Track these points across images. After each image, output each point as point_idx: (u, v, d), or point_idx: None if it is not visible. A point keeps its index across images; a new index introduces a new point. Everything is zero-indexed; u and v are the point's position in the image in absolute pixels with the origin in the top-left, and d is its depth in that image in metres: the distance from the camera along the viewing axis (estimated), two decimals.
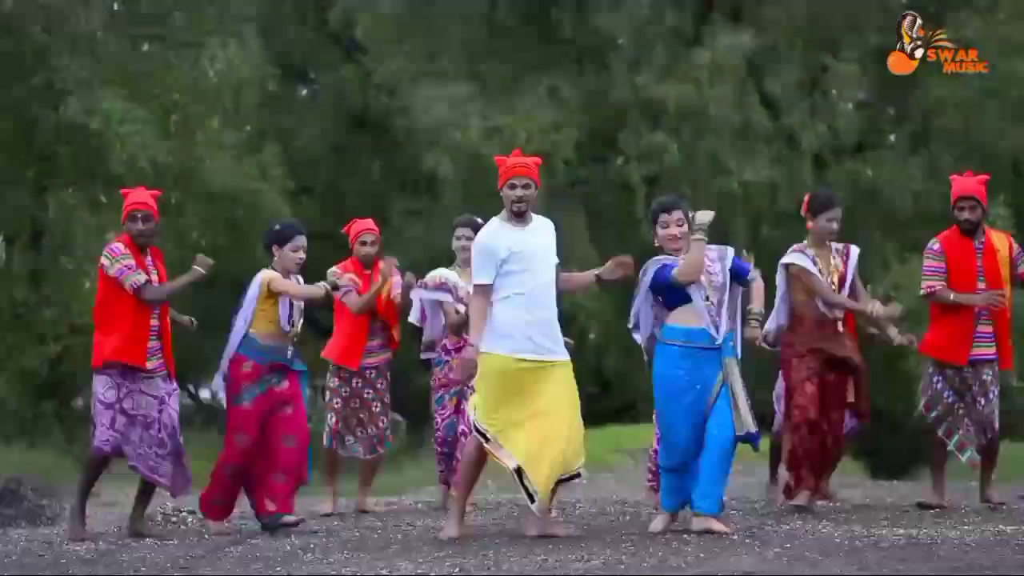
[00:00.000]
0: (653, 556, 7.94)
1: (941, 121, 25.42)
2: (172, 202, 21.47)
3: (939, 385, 10.46)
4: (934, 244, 10.49)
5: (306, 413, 10.05)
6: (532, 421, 8.82)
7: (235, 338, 9.88)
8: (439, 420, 11.04)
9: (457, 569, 7.73)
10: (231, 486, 9.92)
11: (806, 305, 10.22)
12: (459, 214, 12.08)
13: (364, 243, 11.24)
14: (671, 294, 8.96)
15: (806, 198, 10.45)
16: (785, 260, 10.31)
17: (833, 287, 10.20)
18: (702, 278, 8.91)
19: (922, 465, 19.62)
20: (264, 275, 9.95)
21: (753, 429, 8.91)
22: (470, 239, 10.15)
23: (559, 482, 8.93)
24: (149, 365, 9.76)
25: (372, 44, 28.16)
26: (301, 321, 10.11)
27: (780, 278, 10.33)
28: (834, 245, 10.35)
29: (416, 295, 11.02)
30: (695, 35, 26.50)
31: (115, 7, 23.55)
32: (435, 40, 27.47)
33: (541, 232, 9.07)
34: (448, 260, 11.32)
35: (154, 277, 9.84)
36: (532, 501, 8.83)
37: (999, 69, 22.72)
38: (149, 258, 9.89)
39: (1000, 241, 10.52)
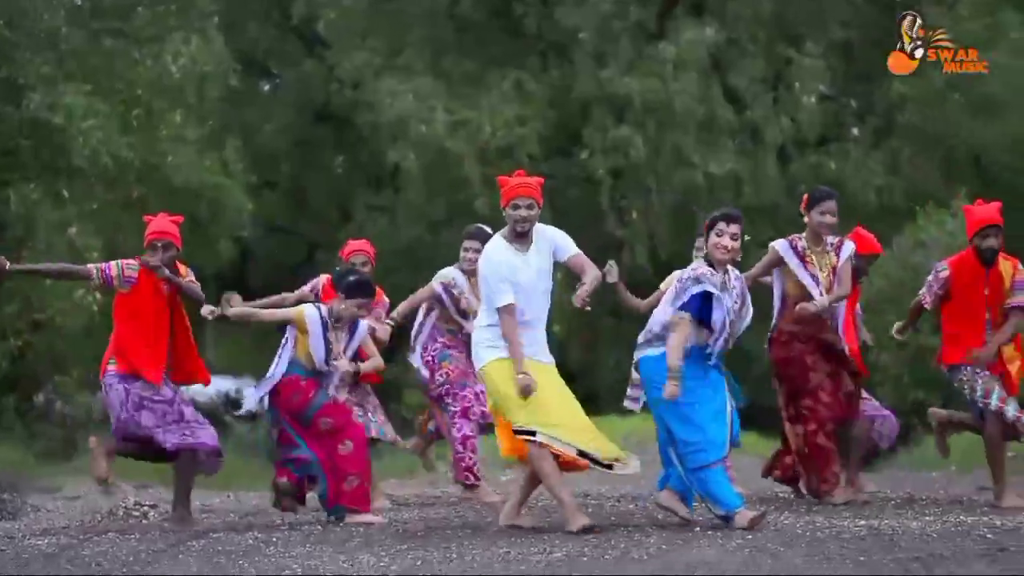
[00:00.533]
0: (615, 548, 7.95)
1: (903, 115, 25.51)
2: (134, 197, 21.39)
3: (979, 374, 10.34)
4: (942, 271, 10.30)
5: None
6: (561, 409, 8.94)
7: (284, 359, 10.01)
8: (472, 398, 11.13)
9: (419, 562, 7.72)
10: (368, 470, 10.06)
11: (799, 297, 10.26)
12: (423, 208, 12.17)
13: (354, 264, 11.10)
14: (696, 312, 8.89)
15: (805, 197, 10.47)
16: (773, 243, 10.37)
17: (828, 282, 10.24)
18: (727, 303, 8.81)
19: (882, 457, 19.68)
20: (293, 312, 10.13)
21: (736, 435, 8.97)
22: (478, 251, 10.16)
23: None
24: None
25: (335, 38, 28.11)
26: (350, 359, 10.19)
27: (774, 274, 10.40)
28: (829, 240, 10.36)
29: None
30: (659, 29, 26.55)
31: (77, 1, 23.42)
32: (399, 34, 27.42)
33: (540, 255, 9.08)
34: (411, 254, 11.34)
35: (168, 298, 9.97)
36: (611, 468, 8.89)
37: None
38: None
39: (1006, 269, 10.38)
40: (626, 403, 10.71)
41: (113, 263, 9.98)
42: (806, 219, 10.35)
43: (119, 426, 9.86)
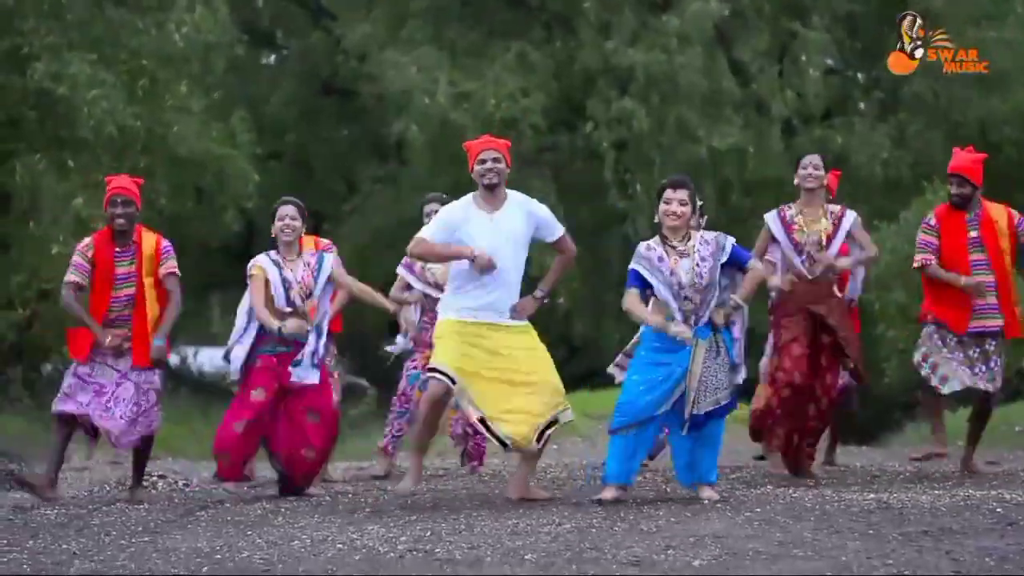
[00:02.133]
0: (624, 520, 7.97)
1: (909, 88, 25.43)
2: (141, 167, 21.35)
3: (937, 340, 10.40)
4: (930, 218, 10.60)
5: (331, 391, 10.15)
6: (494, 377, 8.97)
7: (247, 319, 9.97)
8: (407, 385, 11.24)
9: (428, 533, 7.73)
10: (243, 442, 9.76)
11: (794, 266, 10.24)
12: (428, 180, 12.13)
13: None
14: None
15: None
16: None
17: (820, 247, 10.20)
18: (683, 277, 8.80)
19: (890, 432, 19.68)
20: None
21: (700, 412, 8.86)
22: None
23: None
24: (122, 345, 9.99)
25: (340, 10, 28.04)
26: (306, 302, 10.04)
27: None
28: (829, 208, 10.37)
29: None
30: (664, 1, 26.45)
31: None
32: (403, 6, 27.33)
33: (512, 220, 9.08)
34: (415, 227, 11.31)
35: (129, 268, 10.00)
36: (506, 446, 8.98)
37: (966, 37, 22.74)
38: (131, 248, 9.99)
39: (998, 213, 10.49)
40: (610, 368, 10.78)
41: (69, 271, 10.02)
42: (796, 181, 10.43)
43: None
